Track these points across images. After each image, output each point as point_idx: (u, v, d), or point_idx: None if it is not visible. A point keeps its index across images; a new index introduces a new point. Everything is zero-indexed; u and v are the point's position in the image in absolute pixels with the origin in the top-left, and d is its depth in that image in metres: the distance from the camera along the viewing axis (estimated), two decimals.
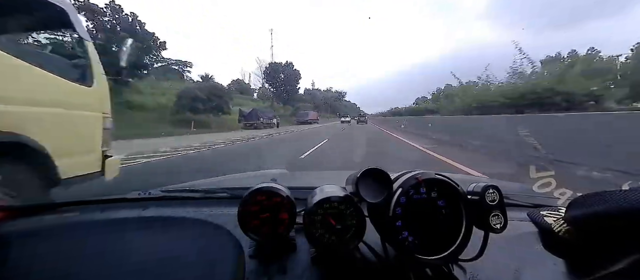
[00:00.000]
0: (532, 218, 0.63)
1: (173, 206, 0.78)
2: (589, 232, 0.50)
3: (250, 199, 0.51)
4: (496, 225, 0.43)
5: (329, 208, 0.48)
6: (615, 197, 0.42)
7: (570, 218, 0.52)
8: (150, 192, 0.86)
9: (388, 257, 0.48)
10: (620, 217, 0.41)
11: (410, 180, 0.45)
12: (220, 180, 1.32)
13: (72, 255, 0.52)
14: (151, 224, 0.67)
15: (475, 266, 0.47)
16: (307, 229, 0.48)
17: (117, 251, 0.54)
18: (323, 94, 78.70)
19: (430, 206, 0.46)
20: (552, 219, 0.58)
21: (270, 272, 0.49)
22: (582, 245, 0.50)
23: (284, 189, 0.53)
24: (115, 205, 0.80)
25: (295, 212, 0.52)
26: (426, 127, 12.79)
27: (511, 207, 0.60)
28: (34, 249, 0.54)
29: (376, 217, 0.50)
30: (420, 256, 0.45)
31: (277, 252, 0.53)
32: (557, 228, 0.54)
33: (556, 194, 0.70)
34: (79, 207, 0.78)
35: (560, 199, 0.68)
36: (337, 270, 0.50)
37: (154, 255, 0.52)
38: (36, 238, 0.59)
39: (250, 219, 0.50)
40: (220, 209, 0.73)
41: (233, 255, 0.52)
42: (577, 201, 0.51)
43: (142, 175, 4.94)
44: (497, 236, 0.44)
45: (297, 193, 0.57)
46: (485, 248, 0.45)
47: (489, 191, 0.44)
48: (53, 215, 0.74)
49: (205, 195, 0.85)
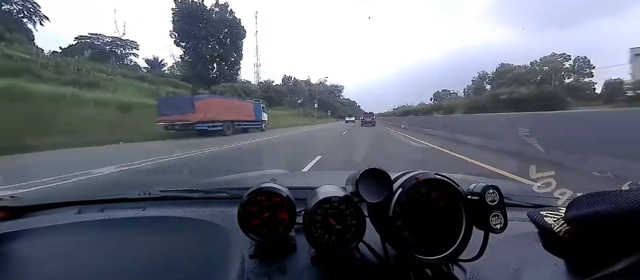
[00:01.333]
0: (532, 218, 0.63)
1: (173, 206, 0.78)
2: (589, 232, 0.50)
3: (250, 199, 0.51)
4: (496, 226, 0.43)
5: (329, 208, 0.48)
6: (616, 197, 0.42)
7: (570, 218, 0.52)
8: (150, 192, 0.86)
9: (388, 257, 0.48)
10: (621, 217, 0.41)
11: (410, 180, 0.45)
12: (220, 181, 1.32)
13: (72, 255, 0.52)
14: (151, 224, 0.67)
15: (475, 266, 0.47)
16: (307, 229, 0.48)
17: (117, 251, 0.54)
18: (314, 87, 57.51)
19: (430, 206, 0.46)
20: (552, 219, 0.58)
21: (270, 272, 0.49)
22: (582, 245, 0.50)
23: (284, 189, 0.53)
24: (115, 205, 0.80)
25: (295, 212, 0.52)
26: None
27: (511, 207, 0.60)
28: (34, 248, 0.54)
29: (376, 217, 0.50)
30: (420, 256, 0.45)
31: (277, 252, 0.53)
32: (557, 228, 0.54)
33: (556, 194, 0.70)
34: (79, 207, 0.78)
35: (560, 199, 0.68)
36: (337, 270, 0.50)
37: (154, 255, 0.53)
38: (36, 237, 0.59)
39: (250, 219, 0.50)
40: (220, 209, 0.73)
41: (233, 255, 0.52)
42: (577, 201, 0.51)
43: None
44: (497, 236, 0.44)
45: (297, 193, 0.57)
46: (485, 248, 0.45)
47: (489, 191, 0.44)
48: (53, 215, 0.74)
49: (205, 195, 0.85)
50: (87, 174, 4.14)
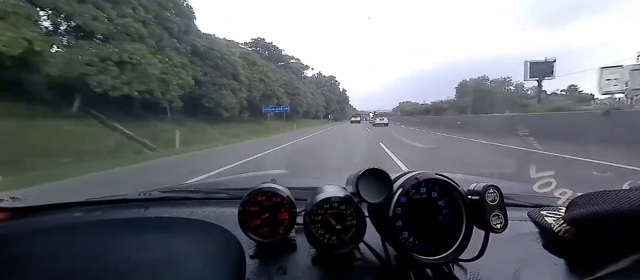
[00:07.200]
0: (533, 218, 0.63)
1: (173, 207, 0.78)
2: (589, 232, 0.50)
3: (250, 199, 0.51)
4: (497, 225, 0.43)
5: (329, 208, 0.48)
6: (616, 197, 0.42)
7: (570, 218, 0.52)
8: (151, 193, 0.86)
9: (388, 258, 0.48)
10: (621, 217, 0.41)
11: (410, 180, 0.45)
12: (220, 181, 1.32)
13: (73, 255, 0.52)
14: (152, 224, 0.67)
15: (475, 266, 0.47)
16: (307, 229, 0.48)
17: (117, 251, 0.54)
18: (309, 79, 48.22)
19: (430, 206, 0.46)
20: (552, 219, 0.58)
21: (271, 272, 0.49)
22: (582, 245, 0.50)
23: (284, 190, 0.53)
24: (116, 206, 0.80)
25: (295, 213, 0.52)
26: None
27: (511, 207, 0.60)
28: (34, 249, 0.54)
29: (376, 217, 0.50)
30: (420, 256, 0.45)
31: (278, 253, 0.53)
32: (557, 228, 0.54)
33: (556, 194, 0.70)
34: (80, 207, 0.78)
35: (560, 198, 0.68)
36: (338, 270, 0.50)
37: (154, 256, 0.53)
38: (36, 238, 0.59)
39: (250, 219, 0.50)
40: (221, 210, 0.73)
41: (234, 256, 0.52)
42: (577, 201, 0.51)
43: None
44: (497, 236, 0.44)
45: (297, 193, 0.57)
46: (485, 248, 0.45)
47: (490, 191, 0.44)
48: (53, 215, 0.74)
49: (206, 195, 0.85)
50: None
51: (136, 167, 6.60)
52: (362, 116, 54.07)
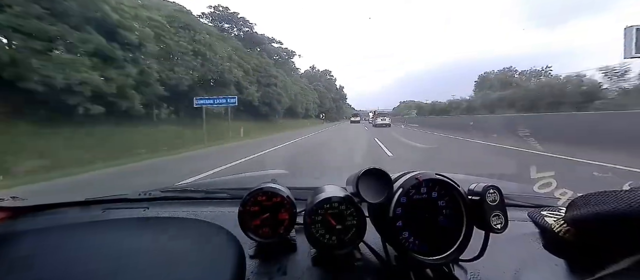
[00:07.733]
0: (533, 218, 0.63)
1: (174, 206, 0.79)
2: (590, 233, 0.50)
3: (250, 199, 0.51)
4: (497, 226, 0.43)
5: (330, 208, 0.48)
6: (616, 197, 0.42)
7: (570, 218, 0.51)
8: (151, 193, 0.86)
9: (388, 258, 0.48)
10: (621, 218, 0.41)
11: (410, 180, 0.45)
12: (220, 181, 1.32)
13: (73, 255, 0.52)
14: (152, 224, 0.67)
15: (475, 266, 0.47)
16: (307, 230, 0.48)
17: (117, 251, 0.54)
18: (301, 74, 43.38)
19: (430, 206, 0.46)
20: (552, 219, 0.58)
21: (271, 272, 0.49)
22: (583, 245, 0.50)
23: (284, 189, 0.53)
24: (116, 205, 0.80)
25: (295, 213, 0.52)
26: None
27: (512, 207, 0.60)
28: (34, 249, 0.54)
29: (377, 218, 0.50)
30: (420, 257, 0.45)
31: (278, 253, 0.53)
32: (557, 228, 0.54)
33: (557, 194, 0.70)
34: (81, 208, 0.78)
35: (560, 199, 0.68)
36: (338, 270, 0.49)
37: (154, 256, 0.52)
38: (36, 238, 0.58)
39: (250, 219, 0.50)
40: (221, 210, 0.73)
41: (233, 256, 0.52)
42: (578, 201, 0.50)
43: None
44: (497, 236, 0.44)
45: (297, 193, 0.57)
46: (485, 248, 0.45)
47: (490, 191, 0.44)
48: (53, 215, 0.74)
49: (206, 195, 0.85)
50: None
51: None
52: (362, 116, 51.72)
